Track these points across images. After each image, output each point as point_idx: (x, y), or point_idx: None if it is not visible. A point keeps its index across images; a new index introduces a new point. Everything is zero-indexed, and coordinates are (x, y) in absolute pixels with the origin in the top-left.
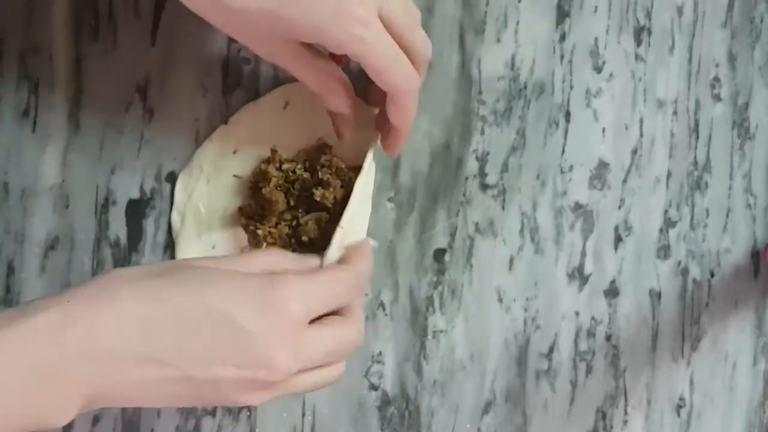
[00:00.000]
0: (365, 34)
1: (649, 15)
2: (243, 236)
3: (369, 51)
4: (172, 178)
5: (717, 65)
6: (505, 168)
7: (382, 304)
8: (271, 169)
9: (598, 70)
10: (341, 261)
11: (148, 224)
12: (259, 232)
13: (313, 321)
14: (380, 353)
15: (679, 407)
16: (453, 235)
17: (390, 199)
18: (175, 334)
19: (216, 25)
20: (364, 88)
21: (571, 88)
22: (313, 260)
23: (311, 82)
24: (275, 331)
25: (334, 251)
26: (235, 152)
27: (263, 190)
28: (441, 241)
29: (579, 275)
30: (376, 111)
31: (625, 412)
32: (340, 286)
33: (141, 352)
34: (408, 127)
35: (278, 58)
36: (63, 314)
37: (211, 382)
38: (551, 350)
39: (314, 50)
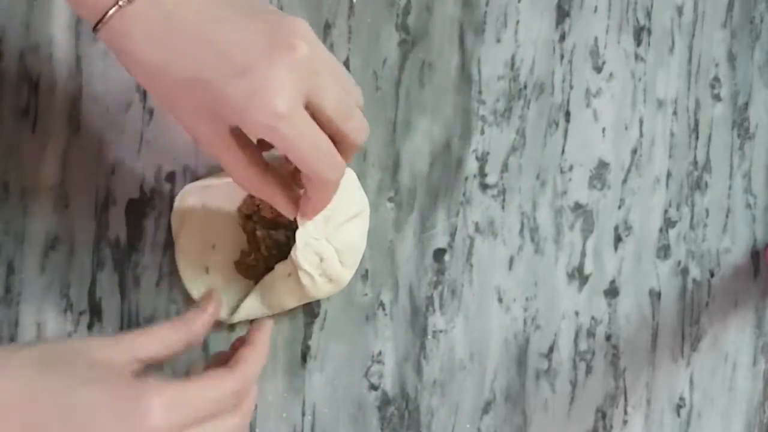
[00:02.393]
0: (281, 127)
1: (649, 15)
2: (242, 236)
3: (286, 144)
4: (172, 178)
5: (717, 65)
6: (505, 168)
7: (382, 304)
8: None
9: (598, 70)
10: (232, 360)
11: (148, 224)
12: (258, 233)
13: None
14: (380, 353)
15: (679, 407)
16: (453, 235)
17: (390, 199)
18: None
19: (147, 89)
20: None
21: (571, 88)
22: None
23: (233, 173)
24: None
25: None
26: None
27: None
28: (441, 241)
29: (579, 275)
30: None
31: (625, 412)
32: (217, 396)
33: None
34: (324, 206)
35: (203, 140)
36: None
37: None
38: (551, 350)
39: (243, 139)
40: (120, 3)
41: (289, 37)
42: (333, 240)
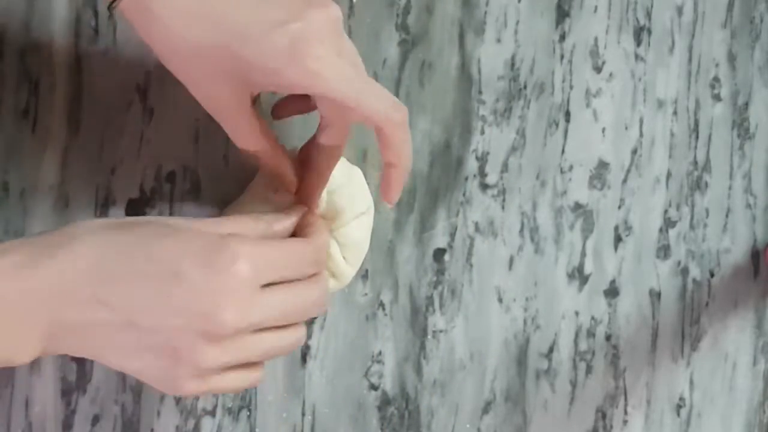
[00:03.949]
0: (323, 69)
1: (649, 15)
2: None
3: (331, 85)
4: (172, 178)
5: (717, 65)
6: (505, 168)
7: (382, 304)
8: None
9: (598, 70)
10: (300, 233)
11: None
12: None
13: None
14: (380, 353)
15: (679, 407)
16: (453, 235)
17: None
18: (124, 281)
19: (164, 59)
20: None
21: (571, 88)
22: (283, 223)
23: (246, 142)
24: (222, 287)
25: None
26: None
27: None
28: (441, 241)
29: (579, 275)
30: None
31: (625, 412)
32: (296, 257)
33: (91, 295)
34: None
35: (222, 109)
36: (26, 256)
37: (156, 331)
38: (551, 350)
39: (256, 110)
40: None
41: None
42: (336, 235)
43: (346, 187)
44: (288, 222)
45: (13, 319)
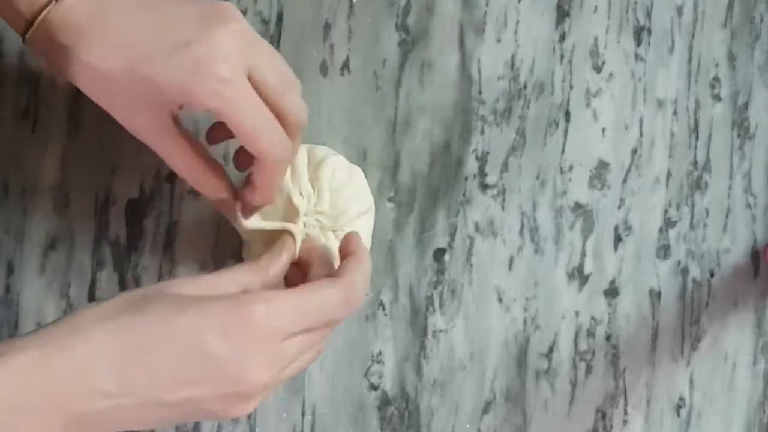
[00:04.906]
0: (228, 92)
1: (649, 15)
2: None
3: (233, 110)
4: (172, 178)
5: (717, 65)
6: (505, 168)
7: (382, 304)
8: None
9: (598, 70)
10: (337, 271)
11: (148, 224)
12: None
13: None
14: (380, 353)
15: (678, 407)
16: (453, 235)
17: (390, 199)
18: (146, 364)
19: (84, 89)
20: None
21: (571, 88)
22: (278, 265)
23: (178, 164)
24: (244, 350)
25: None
26: None
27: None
28: (441, 241)
29: (579, 275)
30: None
31: (625, 412)
32: (320, 303)
33: (114, 387)
34: (271, 195)
35: (146, 132)
36: (40, 353)
37: (186, 403)
38: (551, 350)
39: (183, 130)
40: None
41: (224, 13)
42: (338, 235)
43: (347, 187)
44: (282, 262)
45: (32, 415)
